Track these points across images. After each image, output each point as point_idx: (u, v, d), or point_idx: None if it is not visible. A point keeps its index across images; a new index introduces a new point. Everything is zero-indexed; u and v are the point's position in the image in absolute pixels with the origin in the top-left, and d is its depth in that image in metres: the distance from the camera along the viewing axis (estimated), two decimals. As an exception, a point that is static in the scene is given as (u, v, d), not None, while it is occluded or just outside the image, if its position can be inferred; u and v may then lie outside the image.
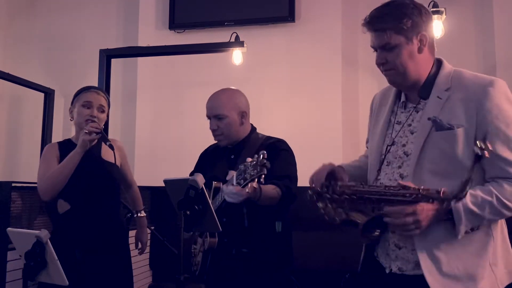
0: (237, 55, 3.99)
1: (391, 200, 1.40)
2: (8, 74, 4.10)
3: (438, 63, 1.55)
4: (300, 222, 2.22)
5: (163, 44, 4.08)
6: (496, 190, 1.40)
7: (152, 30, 4.63)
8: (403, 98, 1.61)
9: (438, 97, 1.47)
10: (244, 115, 2.21)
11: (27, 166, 4.68)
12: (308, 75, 4.30)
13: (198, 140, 2.61)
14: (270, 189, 1.92)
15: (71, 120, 2.38)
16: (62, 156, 2.28)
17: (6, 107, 5.01)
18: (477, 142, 1.29)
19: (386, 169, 1.57)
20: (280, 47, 4.38)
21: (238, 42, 3.88)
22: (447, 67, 1.54)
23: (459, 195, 1.32)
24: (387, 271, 1.54)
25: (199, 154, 2.43)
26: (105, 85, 3.85)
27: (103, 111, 2.35)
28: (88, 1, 4.96)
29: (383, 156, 1.58)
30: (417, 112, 1.54)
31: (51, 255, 1.81)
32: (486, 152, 1.27)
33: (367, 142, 1.78)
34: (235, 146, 2.22)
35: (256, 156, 1.63)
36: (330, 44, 4.23)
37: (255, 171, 1.60)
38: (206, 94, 4.43)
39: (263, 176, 1.62)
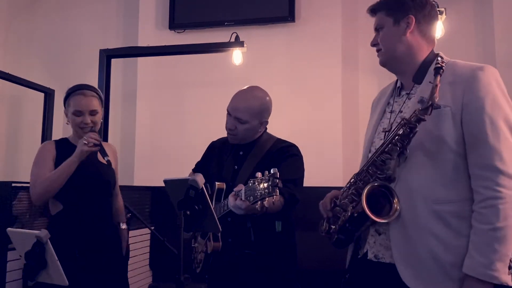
0: (237, 55, 3.99)
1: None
2: (8, 74, 4.10)
3: (436, 54, 1.57)
4: (300, 222, 2.22)
5: (163, 44, 4.08)
6: (483, 224, 1.36)
7: (152, 30, 4.63)
8: (398, 84, 1.64)
9: (430, 82, 1.46)
10: (264, 123, 2.17)
11: (27, 166, 4.64)
12: (308, 75, 4.30)
13: (198, 140, 2.61)
14: (276, 202, 1.89)
15: (67, 124, 2.33)
16: (58, 156, 2.24)
17: (6, 107, 5.02)
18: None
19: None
20: (280, 47, 4.38)
21: (238, 42, 3.88)
22: (444, 57, 1.55)
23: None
24: (360, 255, 1.55)
25: (200, 153, 2.41)
26: (105, 85, 3.85)
27: (96, 113, 2.27)
28: (88, 1, 4.97)
29: (373, 144, 1.61)
30: (410, 99, 1.56)
31: (51, 255, 1.80)
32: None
33: None
34: (245, 144, 2.19)
35: (266, 173, 1.59)
36: (330, 44, 4.23)
37: (266, 191, 1.56)
38: (206, 94, 4.49)
39: (274, 197, 1.57)
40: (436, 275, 1.40)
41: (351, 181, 1.54)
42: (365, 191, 1.42)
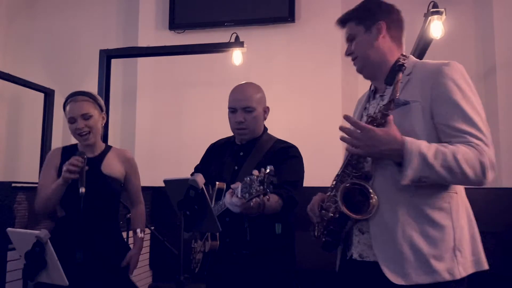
0: (237, 56, 3.98)
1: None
2: (8, 74, 4.10)
3: (406, 56, 1.61)
4: (299, 222, 2.22)
5: (163, 45, 4.08)
6: (452, 147, 1.41)
7: (152, 31, 4.63)
8: (372, 88, 1.70)
9: (400, 82, 1.51)
10: (267, 110, 2.22)
11: (27, 166, 4.68)
12: (308, 75, 4.30)
13: (198, 140, 2.61)
14: (273, 202, 1.90)
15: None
16: (62, 164, 2.21)
17: (6, 107, 5.02)
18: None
19: None
20: (280, 47, 4.38)
21: (238, 43, 3.88)
22: (413, 58, 1.63)
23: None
24: (348, 257, 1.57)
25: (199, 153, 2.41)
26: (105, 85, 3.84)
27: (89, 117, 2.24)
28: (88, 1, 4.97)
29: None
30: (383, 100, 1.59)
31: (51, 255, 1.81)
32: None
33: None
34: (245, 143, 2.19)
35: (263, 170, 1.59)
36: (330, 44, 4.23)
37: (261, 187, 1.58)
38: (206, 94, 4.48)
39: (268, 194, 1.59)
40: (418, 268, 1.42)
41: (333, 183, 1.57)
42: (340, 191, 1.47)
